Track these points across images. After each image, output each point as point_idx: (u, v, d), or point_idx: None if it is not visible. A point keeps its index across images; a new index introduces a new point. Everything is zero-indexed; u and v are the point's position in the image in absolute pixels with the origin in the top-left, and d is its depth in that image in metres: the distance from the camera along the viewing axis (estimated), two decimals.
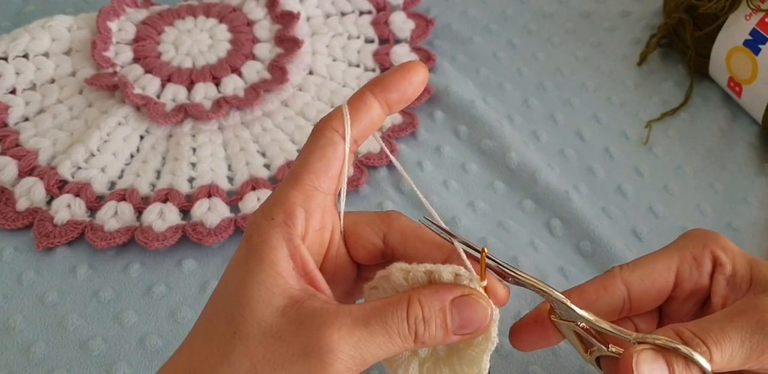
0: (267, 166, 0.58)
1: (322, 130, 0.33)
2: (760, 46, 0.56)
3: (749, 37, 0.57)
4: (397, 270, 0.32)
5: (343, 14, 0.69)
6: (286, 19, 0.65)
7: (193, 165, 0.58)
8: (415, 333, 0.30)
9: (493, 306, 0.32)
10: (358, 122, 0.33)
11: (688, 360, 0.31)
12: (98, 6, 0.66)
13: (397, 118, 0.61)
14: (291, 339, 0.29)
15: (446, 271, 0.31)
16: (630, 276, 0.35)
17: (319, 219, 0.33)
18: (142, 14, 0.66)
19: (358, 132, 0.34)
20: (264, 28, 0.66)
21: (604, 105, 0.64)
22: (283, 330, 0.29)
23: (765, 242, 0.54)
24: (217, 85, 0.62)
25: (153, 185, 0.57)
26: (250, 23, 0.66)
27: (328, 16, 0.68)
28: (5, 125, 0.59)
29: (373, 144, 0.59)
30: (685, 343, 0.31)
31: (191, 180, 0.57)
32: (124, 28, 0.65)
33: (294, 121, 0.61)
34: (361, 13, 0.69)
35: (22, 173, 0.56)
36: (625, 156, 0.60)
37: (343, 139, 0.33)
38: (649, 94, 0.64)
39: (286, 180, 0.33)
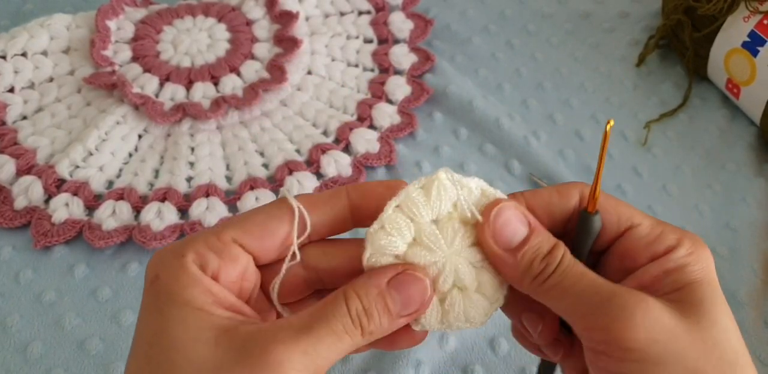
0: (265, 166, 0.58)
1: (284, 203, 0.30)
2: (759, 48, 0.56)
3: (747, 39, 0.57)
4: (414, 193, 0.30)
5: (342, 14, 0.69)
6: (285, 18, 0.65)
7: (192, 164, 0.58)
8: (361, 327, 0.28)
9: (429, 276, 0.30)
10: (318, 209, 0.31)
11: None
12: (97, 5, 0.66)
13: (396, 118, 0.61)
14: (235, 367, 0.26)
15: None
16: (587, 191, 0.32)
17: (236, 273, 0.30)
18: (141, 13, 0.66)
19: (314, 220, 0.31)
20: (263, 28, 0.66)
21: (603, 105, 0.64)
22: (221, 361, 0.27)
23: (763, 242, 0.54)
24: (216, 84, 0.62)
25: (151, 184, 0.57)
26: (249, 23, 0.66)
27: (327, 15, 0.68)
28: (3, 123, 0.59)
29: (372, 144, 0.59)
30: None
31: (189, 179, 0.57)
32: (122, 27, 0.65)
33: (293, 120, 0.61)
34: (360, 13, 0.69)
35: (20, 172, 0.56)
36: (624, 156, 0.60)
37: (302, 222, 0.30)
38: (648, 94, 0.64)
39: (212, 227, 0.31)
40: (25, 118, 0.60)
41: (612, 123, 0.29)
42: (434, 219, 0.31)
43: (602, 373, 0.28)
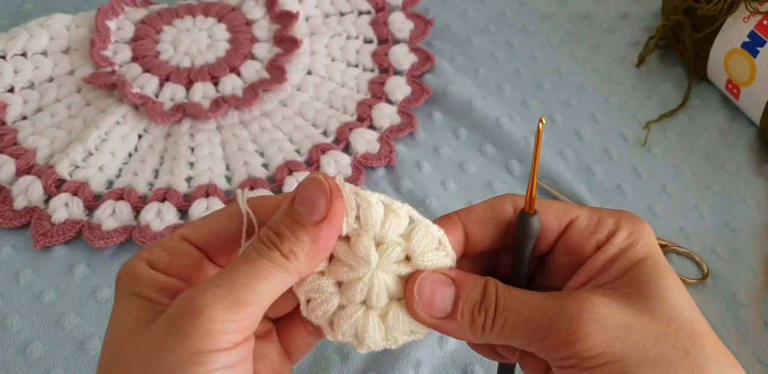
0: (265, 166, 0.58)
1: (236, 205, 0.31)
2: (758, 49, 0.56)
3: (747, 40, 0.57)
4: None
5: (342, 14, 0.69)
6: (285, 18, 0.65)
7: (191, 164, 0.58)
8: (276, 246, 0.28)
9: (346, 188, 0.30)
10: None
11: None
12: (97, 5, 0.66)
13: (395, 119, 0.61)
14: (167, 332, 0.26)
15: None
16: (521, 200, 0.32)
17: (187, 265, 0.31)
18: (140, 13, 0.66)
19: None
20: (263, 28, 0.66)
21: (602, 106, 0.64)
22: (155, 331, 0.27)
23: (763, 243, 0.54)
24: (216, 84, 0.62)
25: (151, 184, 0.57)
26: (248, 23, 0.66)
27: (326, 16, 0.68)
28: (3, 123, 0.59)
29: (372, 144, 0.59)
30: None
31: (189, 179, 0.57)
32: (122, 27, 0.65)
33: (292, 120, 0.61)
34: (360, 14, 0.69)
35: (20, 172, 0.56)
36: (623, 156, 0.60)
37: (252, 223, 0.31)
38: (648, 95, 0.65)
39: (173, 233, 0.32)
40: (24, 118, 0.60)
41: (544, 121, 0.29)
42: (343, 236, 0.30)
43: None
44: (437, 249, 0.31)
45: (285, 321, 0.34)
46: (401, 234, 0.31)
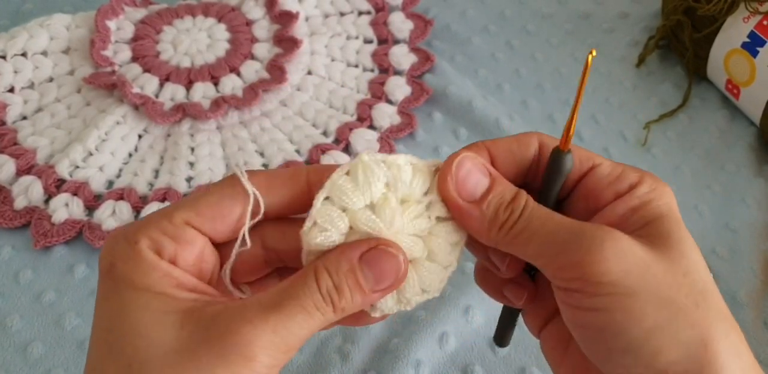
0: (265, 166, 0.58)
1: (238, 182, 0.30)
2: (758, 49, 0.56)
3: (747, 40, 0.57)
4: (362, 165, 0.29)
5: (342, 14, 0.69)
6: (285, 18, 0.65)
7: (191, 164, 0.58)
8: (332, 304, 0.28)
9: (403, 254, 0.29)
10: (276, 189, 0.30)
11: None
12: (97, 5, 0.65)
13: (395, 119, 0.61)
14: (201, 348, 0.26)
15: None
16: (548, 139, 0.32)
17: (193, 256, 0.29)
18: (140, 13, 0.66)
19: (270, 201, 0.30)
20: (263, 28, 0.66)
21: (602, 106, 0.64)
22: (187, 342, 0.26)
23: (763, 243, 0.54)
24: (216, 84, 0.62)
25: (151, 184, 0.57)
26: (248, 23, 0.66)
27: (326, 16, 0.68)
28: (3, 123, 0.59)
29: (372, 144, 0.59)
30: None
31: (189, 179, 0.57)
32: (122, 27, 0.65)
33: (292, 120, 0.61)
34: (360, 14, 0.69)
35: (20, 172, 0.56)
36: (623, 157, 0.60)
37: (257, 203, 0.30)
38: (648, 95, 0.65)
39: (162, 209, 0.30)
40: (24, 118, 0.60)
41: (594, 53, 0.28)
42: (369, 204, 0.29)
43: (576, 312, 0.28)
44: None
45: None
46: (425, 191, 0.30)
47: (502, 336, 0.39)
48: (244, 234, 0.30)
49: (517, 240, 0.29)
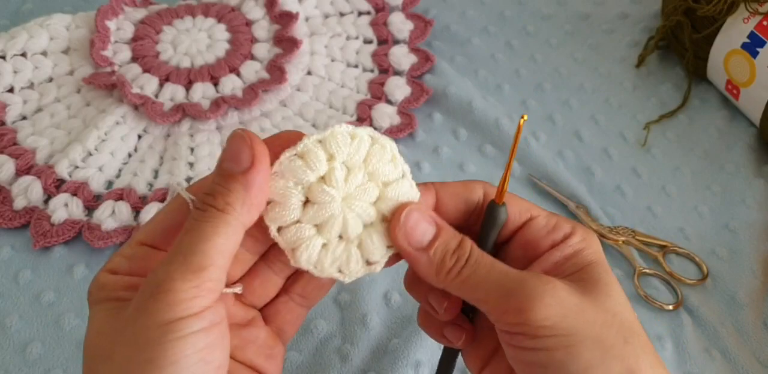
0: None
1: (181, 198, 0.32)
2: (758, 49, 0.56)
3: (747, 40, 0.57)
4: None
5: (342, 15, 0.69)
6: (285, 19, 0.65)
7: (191, 165, 0.58)
8: (211, 206, 0.29)
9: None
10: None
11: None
12: (97, 5, 0.65)
13: (395, 119, 0.61)
14: (129, 313, 0.28)
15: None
16: (491, 189, 0.35)
17: (147, 268, 0.32)
18: (140, 13, 0.66)
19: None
20: (263, 28, 0.66)
21: (602, 106, 0.64)
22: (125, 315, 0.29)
23: (763, 243, 0.54)
24: (216, 84, 0.62)
25: (150, 185, 0.57)
26: (248, 23, 0.66)
27: (326, 16, 0.68)
28: (3, 124, 0.59)
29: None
30: None
31: (189, 180, 0.57)
32: (122, 27, 0.65)
33: (292, 121, 0.61)
34: (360, 14, 0.69)
35: (20, 172, 0.56)
36: (623, 157, 0.60)
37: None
38: (648, 95, 0.65)
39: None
40: (24, 118, 0.60)
41: (525, 117, 0.31)
42: (319, 176, 0.32)
43: (519, 351, 0.31)
44: (391, 162, 0.33)
45: (272, 301, 0.35)
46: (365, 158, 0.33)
47: None
48: None
49: (465, 285, 0.32)
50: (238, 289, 0.33)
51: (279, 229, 0.32)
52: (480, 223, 0.34)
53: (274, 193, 0.31)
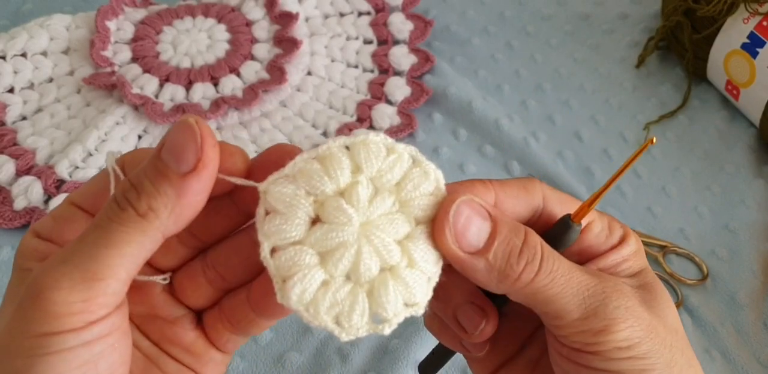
0: None
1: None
2: (758, 50, 0.56)
3: (747, 41, 0.57)
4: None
5: (342, 15, 0.69)
6: (285, 19, 0.65)
7: None
8: (131, 205, 0.24)
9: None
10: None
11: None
12: (97, 5, 0.65)
13: (395, 119, 0.61)
14: (14, 317, 0.24)
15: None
16: (549, 191, 0.30)
17: (74, 230, 0.28)
18: (140, 14, 0.66)
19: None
20: (263, 29, 0.66)
21: (602, 107, 0.64)
22: (12, 313, 0.24)
23: (762, 244, 0.54)
24: (216, 85, 0.62)
25: None
26: (248, 23, 0.66)
27: (326, 16, 0.68)
28: (3, 124, 0.59)
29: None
30: None
31: None
32: (122, 27, 0.65)
33: (292, 121, 0.61)
34: (360, 14, 0.69)
35: (20, 172, 0.56)
36: (623, 157, 0.60)
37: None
38: (648, 96, 0.65)
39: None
40: (24, 118, 0.60)
41: (654, 141, 0.28)
42: (338, 190, 0.25)
43: (582, 369, 0.28)
44: (432, 195, 0.26)
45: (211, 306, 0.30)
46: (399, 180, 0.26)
47: (429, 369, 0.38)
48: None
49: (537, 296, 0.27)
50: (161, 278, 0.28)
51: (273, 250, 0.25)
52: (535, 228, 0.29)
53: (277, 200, 0.25)
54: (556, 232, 0.29)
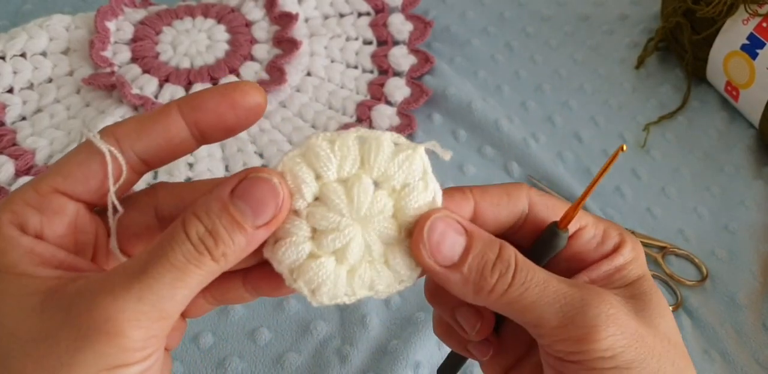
0: (264, 167, 0.58)
1: (93, 147, 0.26)
2: (758, 51, 0.57)
3: (746, 42, 0.57)
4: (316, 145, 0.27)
5: (342, 15, 0.69)
6: (285, 20, 0.65)
7: (191, 165, 0.58)
8: (208, 251, 0.24)
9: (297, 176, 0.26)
10: (146, 136, 0.27)
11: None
12: (96, 5, 0.65)
13: (395, 120, 0.61)
14: (61, 333, 0.23)
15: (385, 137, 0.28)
16: (536, 196, 0.30)
17: (64, 226, 0.26)
18: (140, 14, 0.66)
19: (145, 148, 0.27)
20: (262, 29, 0.66)
21: (602, 108, 0.64)
22: (47, 327, 0.24)
23: (762, 245, 0.54)
24: (215, 85, 0.62)
25: (150, 185, 0.56)
26: (248, 24, 0.66)
27: (326, 17, 0.68)
28: (2, 124, 0.59)
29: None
30: None
31: (188, 180, 0.57)
32: (122, 28, 0.65)
33: (292, 121, 0.61)
34: (360, 15, 0.69)
35: (19, 172, 0.56)
36: (623, 158, 0.60)
37: (122, 152, 0.27)
38: (647, 97, 0.65)
39: (31, 179, 0.27)
40: (24, 118, 0.60)
41: (625, 148, 0.27)
42: (340, 178, 0.27)
43: None
44: (421, 180, 0.28)
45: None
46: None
47: (447, 371, 0.38)
48: (113, 203, 0.27)
49: (513, 306, 0.28)
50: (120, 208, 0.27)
51: (291, 271, 0.27)
52: (520, 233, 0.30)
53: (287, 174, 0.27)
54: (543, 239, 0.30)
